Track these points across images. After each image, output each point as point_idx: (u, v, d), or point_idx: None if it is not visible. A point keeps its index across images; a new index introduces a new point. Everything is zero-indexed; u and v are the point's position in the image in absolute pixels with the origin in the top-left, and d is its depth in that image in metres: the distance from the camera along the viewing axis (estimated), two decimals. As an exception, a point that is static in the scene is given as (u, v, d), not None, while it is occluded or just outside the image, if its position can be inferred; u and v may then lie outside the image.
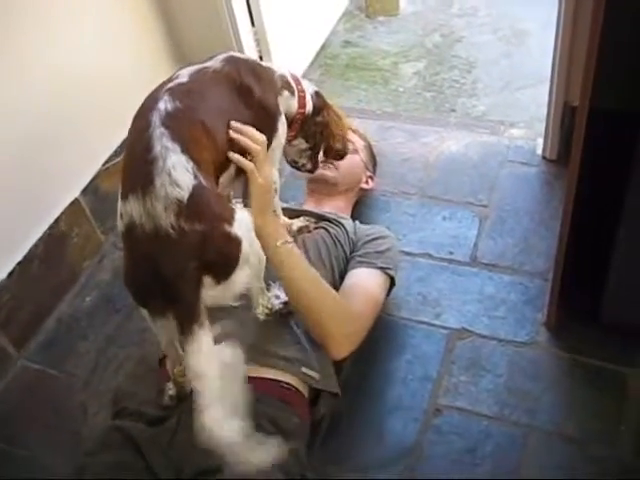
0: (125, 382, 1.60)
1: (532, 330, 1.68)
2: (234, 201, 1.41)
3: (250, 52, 2.29)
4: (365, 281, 1.59)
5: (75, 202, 1.92)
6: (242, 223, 1.18)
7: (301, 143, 1.60)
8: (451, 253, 1.90)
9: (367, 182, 1.98)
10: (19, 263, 1.79)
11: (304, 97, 1.49)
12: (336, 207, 1.85)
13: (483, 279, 1.81)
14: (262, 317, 1.41)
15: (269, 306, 1.43)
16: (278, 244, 1.36)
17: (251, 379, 1.31)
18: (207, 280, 1.13)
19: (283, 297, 1.45)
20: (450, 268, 1.86)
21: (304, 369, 1.42)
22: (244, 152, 1.33)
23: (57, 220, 1.87)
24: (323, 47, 2.88)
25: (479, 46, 2.76)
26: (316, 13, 2.72)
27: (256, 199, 1.33)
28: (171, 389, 1.34)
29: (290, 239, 1.42)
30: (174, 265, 1.10)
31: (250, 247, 1.19)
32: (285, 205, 1.74)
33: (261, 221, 1.32)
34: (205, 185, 1.14)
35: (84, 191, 1.96)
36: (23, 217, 1.79)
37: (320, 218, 1.74)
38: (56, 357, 1.83)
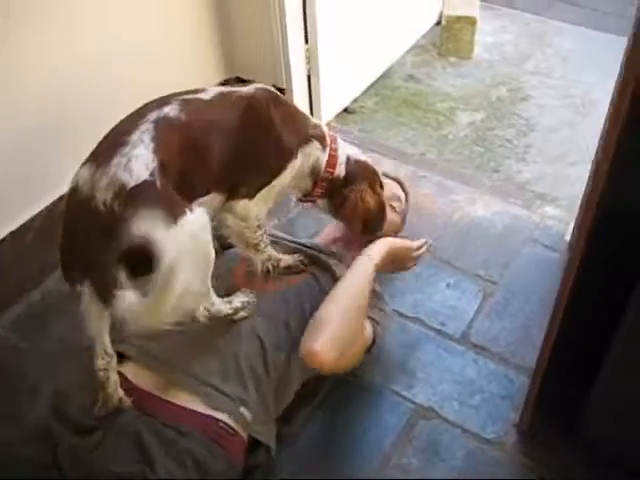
0: (73, 376, 1.57)
1: (501, 429, 1.59)
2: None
3: (298, 69, 2.27)
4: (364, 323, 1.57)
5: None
6: (185, 230, 1.16)
7: (325, 207, 1.61)
8: (443, 324, 1.82)
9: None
10: (12, 232, 1.79)
11: (335, 157, 1.50)
12: (348, 244, 1.79)
13: (467, 360, 1.73)
14: (202, 319, 1.38)
15: (212, 310, 1.38)
16: (371, 255, 1.54)
17: (186, 410, 1.31)
18: (123, 273, 1.14)
19: (236, 304, 1.41)
20: (437, 340, 1.79)
21: (242, 409, 1.37)
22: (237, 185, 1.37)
23: (61, 198, 1.85)
24: (384, 76, 2.83)
25: (544, 109, 2.66)
26: (382, 40, 2.67)
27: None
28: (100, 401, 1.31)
29: (377, 263, 1.53)
30: (91, 238, 1.14)
31: (183, 253, 1.15)
32: (289, 238, 1.74)
33: (380, 244, 1.59)
34: (157, 186, 1.16)
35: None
36: (27, 187, 1.81)
37: (316, 260, 1.67)
38: (29, 331, 1.83)
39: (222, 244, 1.59)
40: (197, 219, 1.21)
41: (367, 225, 1.60)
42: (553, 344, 1.35)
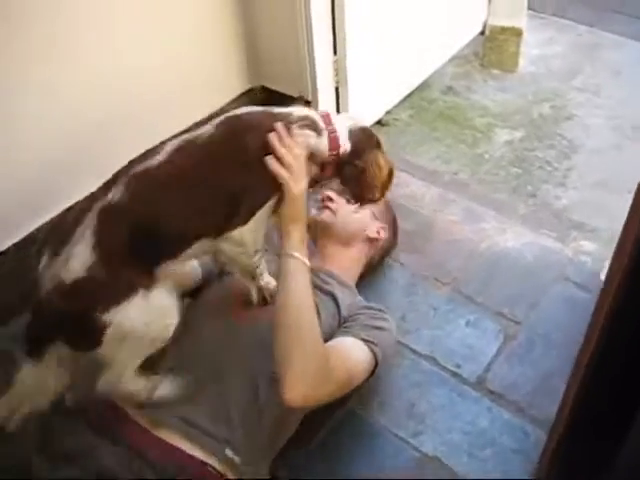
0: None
1: (512, 487, 1.47)
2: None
3: (325, 81, 2.18)
4: (347, 345, 1.47)
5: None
6: (130, 313, 1.21)
7: (337, 185, 1.57)
8: (458, 366, 1.72)
9: (378, 232, 1.81)
10: (15, 244, 1.75)
11: (335, 137, 1.40)
12: (341, 267, 1.71)
13: (481, 408, 1.63)
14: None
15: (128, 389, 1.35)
16: (295, 254, 1.34)
17: (174, 449, 1.28)
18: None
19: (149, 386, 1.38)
20: (451, 383, 1.69)
21: (228, 451, 1.32)
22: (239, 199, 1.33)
23: (67, 209, 1.81)
24: (422, 87, 2.72)
25: (589, 130, 2.50)
26: (421, 49, 2.55)
27: (289, 207, 1.36)
28: None
29: (307, 261, 1.38)
30: (38, 321, 1.27)
31: (128, 334, 1.23)
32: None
33: (291, 228, 1.36)
34: (97, 277, 1.20)
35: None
36: (31, 199, 1.79)
37: (317, 285, 1.59)
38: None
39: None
40: (153, 300, 1.24)
41: (384, 189, 1.53)
42: (575, 396, 1.22)
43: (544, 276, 1.91)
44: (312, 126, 1.39)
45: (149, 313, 1.23)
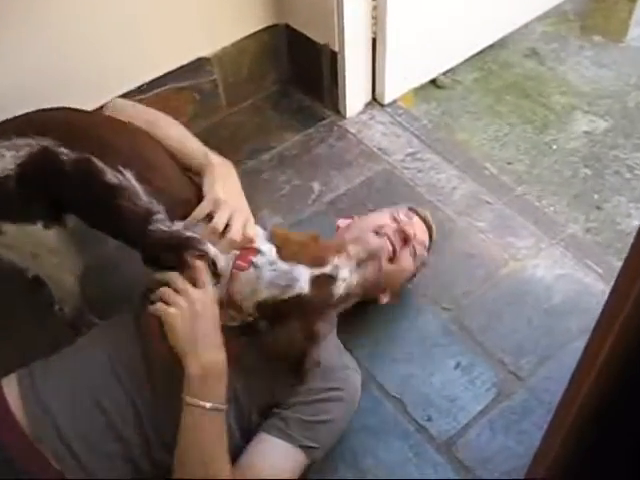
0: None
1: None
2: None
3: (359, 30, 1.85)
4: (273, 462, 1.21)
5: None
6: None
7: None
8: (429, 419, 1.45)
9: (380, 298, 1.51)
10: None
11: None
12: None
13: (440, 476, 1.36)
14: None
15: None
16: (207, 406, 1.10)
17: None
18: None
19: None
20: (413, 439, 1.43)
21: None
22: None
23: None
24: (498, 45, 2.32)
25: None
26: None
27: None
28: None
29: (222, 406, 1.13)
30: None
31: None
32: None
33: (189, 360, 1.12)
34: None
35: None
36: None
37: None
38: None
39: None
40: None
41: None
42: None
43: (569, 324, 1.57)
44: None
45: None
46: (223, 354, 1.13)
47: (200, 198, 1.21)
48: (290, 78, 2.14)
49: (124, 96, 1.72)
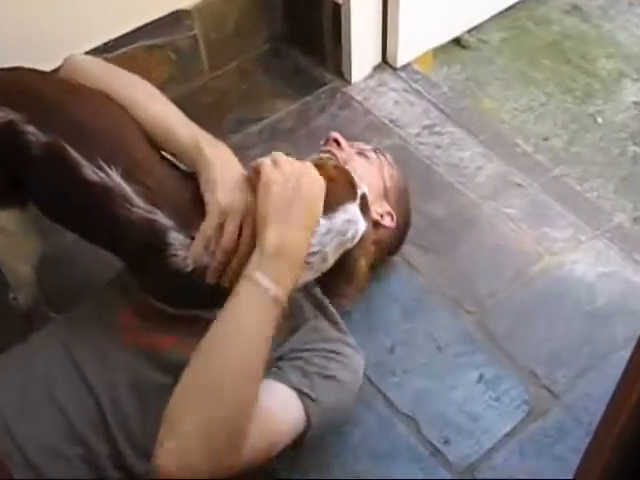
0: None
1: None
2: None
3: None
4: (275, 401, 1.25)
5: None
6: None
7: None
8: (446, 442, 1.49)
9: (382, 216, 1.56)
10: None
11: None
12: None
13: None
14: None
15: None
16: (272, 289, 1.11)
17: None
18: None
19: None
20: (427, 464, 1.45)
21: None
22: None
23: None
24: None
25: None
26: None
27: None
28: None
29: (284, 303, 1.13)
30: None
31: None
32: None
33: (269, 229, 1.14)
34: None
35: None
36: None
37: None
38: None
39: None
40: None
41: None
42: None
43: (613, 330, 1.61)
44: None
45: None
46: (306, 250, 1.15)
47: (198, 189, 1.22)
48: (285, 35, 2.17)
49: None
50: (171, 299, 1.28)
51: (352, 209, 1.24)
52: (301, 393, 1.27)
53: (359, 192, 1.26)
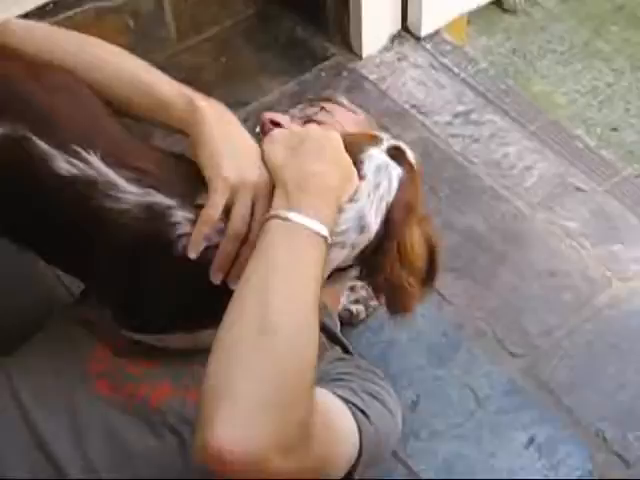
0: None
1: None
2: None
3: None
4: (329, 403, 1.28)
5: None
6: None
7: None
8: None
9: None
10: None
11: None
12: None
13: None
14: None
15: None
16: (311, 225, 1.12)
17: None
18: None
19: None
20: None
21: None
22: None
23: None
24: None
25: None
26: None
27: None
28: None
29: (323, 229, 1.14)
30: None
31: None
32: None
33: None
34: None
35: None
36: None
37: None
38: None
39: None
40: None
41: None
42: None
43: None
44: None
45: None
46: (334, 182, 1.18)
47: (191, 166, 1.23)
48: (275, -5, 2.19)
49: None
50: (164, 315, 1.26)
51: (376, 154, 1.28)
52: (355, 407, 1.30)
53: (383, 137, 1.32)
